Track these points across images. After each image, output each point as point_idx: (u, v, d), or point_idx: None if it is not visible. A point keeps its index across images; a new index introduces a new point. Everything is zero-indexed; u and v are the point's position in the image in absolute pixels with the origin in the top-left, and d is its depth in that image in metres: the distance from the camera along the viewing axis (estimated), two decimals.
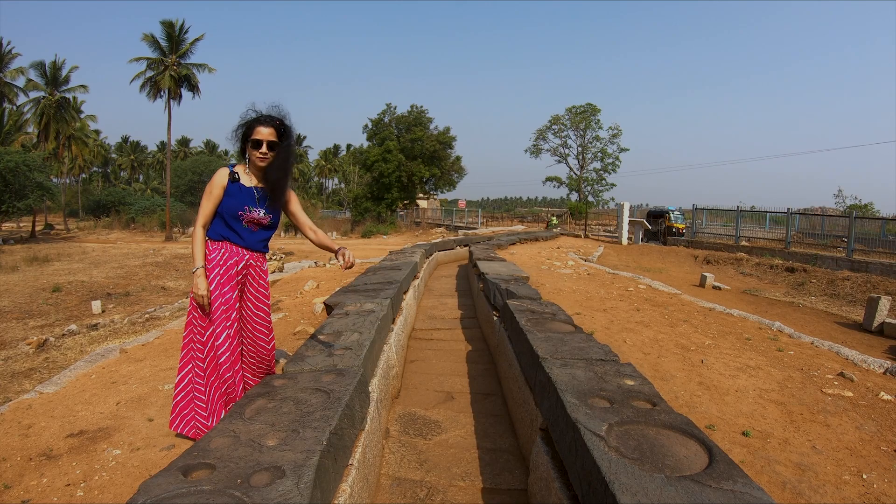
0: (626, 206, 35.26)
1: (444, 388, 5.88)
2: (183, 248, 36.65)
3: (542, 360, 3.84)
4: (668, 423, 2.84)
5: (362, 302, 6.06)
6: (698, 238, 33.07)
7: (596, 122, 64.18)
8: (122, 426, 4.55)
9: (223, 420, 2.87)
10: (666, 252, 30.63)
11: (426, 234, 46.49)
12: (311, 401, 3.09)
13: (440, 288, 12.60)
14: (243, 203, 3.95)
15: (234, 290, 3.99)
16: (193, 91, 51.93)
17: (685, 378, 5.88)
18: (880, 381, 6.32)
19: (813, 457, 4.29)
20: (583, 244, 30.61)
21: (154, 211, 61.80)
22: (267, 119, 3.97)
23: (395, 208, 62.91)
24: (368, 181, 64.94)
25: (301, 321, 8.27)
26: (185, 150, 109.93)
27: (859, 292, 19.11)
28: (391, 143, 58.79)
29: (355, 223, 61.72)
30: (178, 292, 19.68)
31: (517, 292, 6.90)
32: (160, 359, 6.76)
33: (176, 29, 49.86)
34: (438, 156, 61.15)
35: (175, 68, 49.67)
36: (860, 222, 26.75)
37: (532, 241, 27.31)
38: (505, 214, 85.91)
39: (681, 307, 10.12)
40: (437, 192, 67.81)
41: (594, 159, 65.10)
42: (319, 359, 3.92)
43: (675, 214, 36.80)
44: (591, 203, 61.97)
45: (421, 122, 61.83)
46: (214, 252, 3.94)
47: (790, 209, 28.75)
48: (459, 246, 20.10)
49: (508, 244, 22.03)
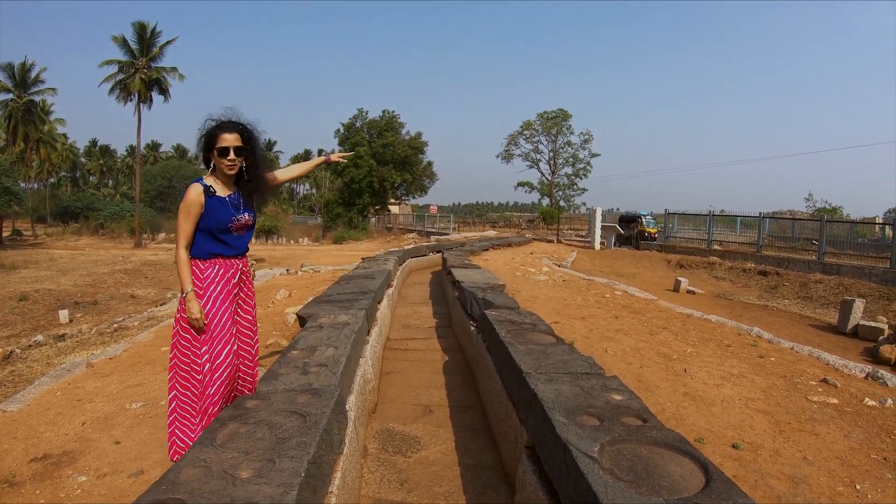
0: (598, 210, 35.42)
1: (421, 401, 5.74)
2: (152, 254, 36.19)
3: (527, 376, 3.71)
4: (661, 441, 2.74)
5: (336, 313, 5.89)
6: (671, 242, 33.19)
7: (567, 127, 64.71)
8: (87, 449, 4.36)
9: (194, 447, 2.69)
10: (639, 257, 30.70)
11: (398, 239, 46.36)
12: (287, 425, 2.92)
13: (414, 296, 12.46)
14: (230, 214, 3.83)
15: (233, 302, 3.91)
16: (164, 95, 51.52)
17: (670, 389, 5.80)
18: (863, 386, 6.33)
19: (805, 468, 4.23)
20: (556, 249, 30.62)
21: (123, 217, 61.32)
22: (229, 125, 3.85)
23: (367, 214, 62.92)
24: (340, 186, 64.94)
25: (273, 332, 8.10)
26: (155, 154, 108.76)
27: (832, 295, 19.26)
28: (362, 148, 58.72)
29: (327, 229, 61.57)
30: (148, 300, 19.44)
31: (495, 301, 6.77)
32: (127, 374, 6.56)
33: (147, 31, 49.49)
34: (410, 161, 61.31)
35: (146, 71, 49.23)
36: (830, 225, 26.99)
37: (505, 246, 27.23)
38: (477, 220, 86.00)
39: (658, 313, 10.07)
40: (409, 197, 68.05)
41: (565, 164, 65.62)
42: (294, 377, 3.75)
43: (647, 219, 37.09)
44: (562, 208, 62.26)
45: (392, 126, 61.96)
46: (209, 270, 3.81)
47: (761, 213, 28.91)
48: (432, 252, 19.98)
49: (482, 250, 21.90)
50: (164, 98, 51.93)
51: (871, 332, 13.61)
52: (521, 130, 66.14)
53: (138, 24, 49.27)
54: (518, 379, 3.86)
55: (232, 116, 3.93)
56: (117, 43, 48.50)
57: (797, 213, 51.80)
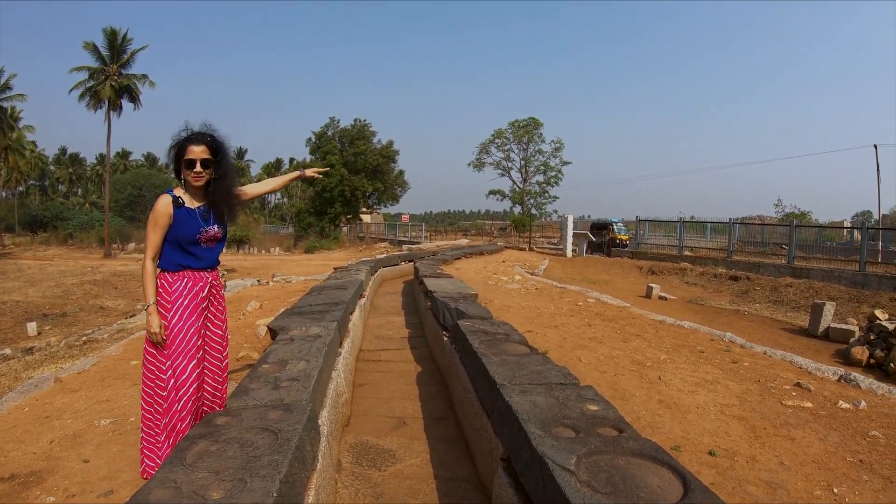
0: (570, 218, 35.52)
1: (395, 413, 5.68)
2: (122, 265, 35.74)
3: (501, 387, 3.66)
4: (637, 451, 2.71)
5: (308, 325, 5.82)
6: (642, 249, 33.43)
7: (538, 135, 64.88)
8: (56, 468, 4.26)
9: (163, 467, 2.62)
10: (611, 264, 30.87)
11: (370, 248, 46.34)
12: (258, 442, 2.85)
13: (386, 305, 12.41)
14: (198, 226, 3.81)
15: (201, 317, 3.87)
16: (134, 102, 50.96)
17: (645, 396, 5.80)
18: (836, 388, 6.37)
19: (782, 473, 4.23)
20: (528, 257, 30.70)
21: (93, 226, 60.72)
22: (198, 137, 3.84)
23: (339, 223, 62.80)
24: (311, 196, 64.82)
25: (244, 345, 8.01)
26: (125, 163, 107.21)
27: (802, 298, 19.48)
28: (333, 157, 58.67)
29: (298, 238, 61.41)
30: (118, 312, 19.24)
31: (467, 311, 6.74)
32: (96, 389, 6.46)
33: (118, 38, 48.92)
34: (381, 170, 61.38)
35: (116, 78, 48.63)
36: (799, 230, 27.26)
37: (477, 255, 27.26)
38: (449, 228, 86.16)
39: (632, 321, 10.09)
40: (381, 206, 68.04)
41: (537, 172, 65.71)
42: (265, 392, 3.68)
43: (618, 226, 37.33)
44: (534, 216, 62.36)
45: (364, 135, 62.04)
46: (177, 283, 3.78)
47: (731, 219, 29.22)
48: (404, 261, 19.95)
49: (454, 259, 21.90)
50: (134, 105, 51.50)
51: (843, 334, 13.78)
52: (493, 139, 66.23)
53: (109, 31, 48.75)
54: (492, 390, 3.82)
55: (204, 129, 3.92)
56: (88, 49, 47.98)
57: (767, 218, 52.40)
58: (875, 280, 20.43)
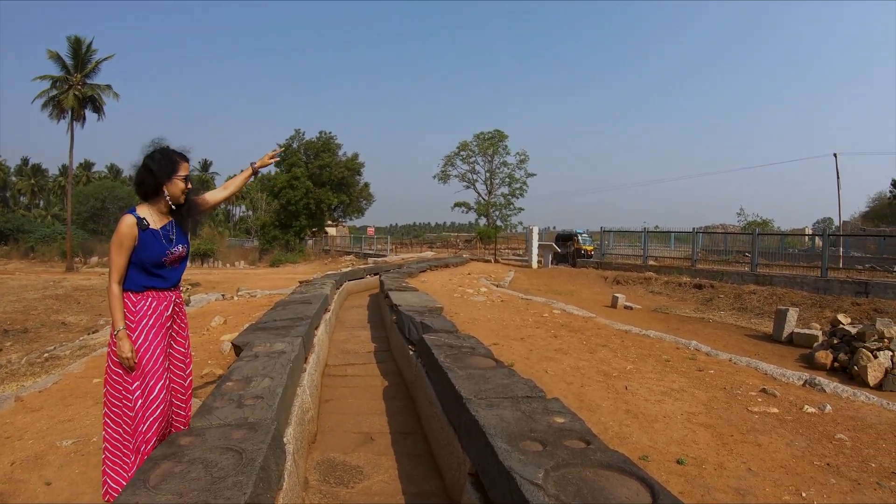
0: (535, 229, 35.68)
1: (362, 428, 5.63)
2: (84, 279, 35.12)
3: (467, 402, 3.64)
4: (605, 463, 2.71)
5: (272, 341, 5.76)
6: (607, 259, 33.68)
7: (503, 148, 65.13)
8: (17, 491, 4.19)
9: (126, 489, 2.57)
10: (576, 274, 31.02)
11: (335, 262, 46.13)
12: (222, 463, 2.80)
13: (352, 319, 12.34)
14: (164, 248, 3.76)
15: (166, 336, 3.81)
16: (98, 113, 50.00)
17: (612, 407, 5.80)
18: (802, 393, 6.45)
19: (750, 479, 4.26)
20: (493, 269, 30.76)
21: (55, 239, 59.65)
22: (184, 154, 3.91)
23: (304, 236, 62.59)
24: (276, 208, 64.54)
25: (209, 362, 7.92)
26: (87, 174, 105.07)
27: (766, 305, 19.71)
28: (299, 169, 58.57)
29: (263, 252, 61.10)
30: (80, 328, 18.96)
31: (433, 325, 6.72)
32: (58, 408, 6.35)
33: (83, 47, 48.04)
34: (347, 182, 61.33)
35: (80, 88, 47.74)
36: (762, 238, 27.65)
37: (443, 267, 27.25)
38: (414, 240, 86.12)
39: (597, 331, 10.13)
40: (346, 219, 67.92)
41: (502, 184, 65.97)
42: (229, 410, 3.62)
43: (583, 237, 37.62)
44: (499, 227, 62.54)
45: (329, 148, 62.00)
46: (141, 303, 3.70)
47: (695, 228, 29.47)
48: (370, 275, 19.91)
49: (419, 272, 21.88)
50: (98, 116, 50.48)
51: (806, 339, 13.99)
52: (458, 151, 66.38)
53: (73, 39, 47.81)
54: (458, 405, 3.80)
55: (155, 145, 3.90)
56: (52, 58, 47.17)
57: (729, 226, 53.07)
58: (837, 285, 20.77)
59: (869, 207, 63.96)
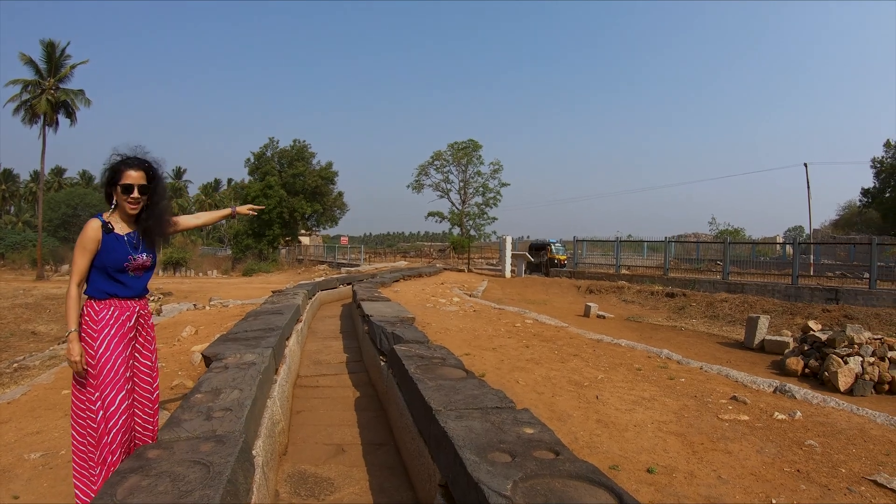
0: (509, 239, 35.76)
1: (333, 440, 5.61)
2: (55, 287, 34.54)
3: (436, 413, 3.64)
4: (574, 473, 2.72)
5: (243, 352, 5.72)
6: (580, 268, 33.75)
7: (477, 157, 65.15)
8: None
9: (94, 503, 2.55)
10: (549, 283, 31.08)
11: (309, 271, 45.97)
12: (190, 476, 2.78)
13: (324, 330, 12.31)
14: (126, 253, 3.70)
15: (128, 346, 3.73)
16: (71, 118, 48.97)
17: (582, 417, 5.82)
18: (772, 400, 6.50)
19: (720, 487, 4.28)
20: (467, 279, 30.80)
21: (25, 247, 58.85)
22: (135, 162, 3.74)
23: (277, 245, 62.27)
24: (249, 217, 64.13)
25: (179, 373, 7.86)
26: (59, 180, 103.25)
27: (737, 312, 19.85)
28: (272, 178, 58.33)
29: (236, 261, 60.65)
30: (50, 338, 18.71)
31: (404, 336, 6.71)
32: (26, 420, 6.27)
33: (57, 51, 47.12)
34: (320, 191, 61.13)
35: (52, 93, 46.87)
36: (733, 246, 27.87)
37: (416, 277, 27.28)
38: (388, 250, 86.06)
39: (569, 341, 10.15)
40: (320, 228, 67.64)
41: (476, 194, 65.97)
42: (197, 423, 3.59)
43: (556, 246, 37.76)
44: (473, 237, 62.65)
45: (303, 156, 61.85)
46: (103, 311, 3.64)
47: (667, 237, 29.70)
48: (343, 284, 19.91)
49: (392, 281, 21.91)
50: (70, 121, 49.42)
51: (777, 345, 14.11)
52: (432, 161, 66.35)
53: (47, 43, 47.01)
54: (428, 416, 3.80)
55: (138, 153, 3.83)
56: (24, 61, 46.41)
57: (701, 235, 53.66)
58: (808, 292, 21.00)
59: (839, 215, 64.89)
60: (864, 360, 11.04)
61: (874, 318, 17.19)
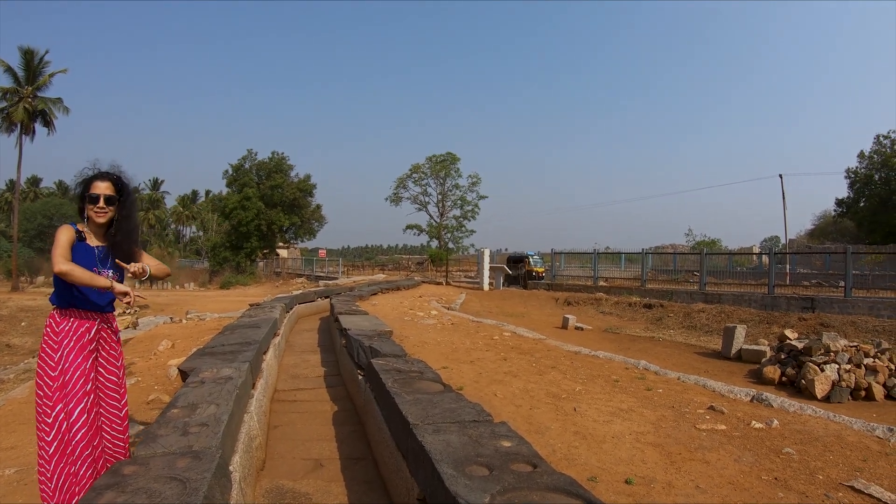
0: (487, 252, 35.89)
1: (311, 455, 5.57)
2: (30, 299, 34.07)
3: (414, 427, 3.63)
4: (552, 486, 2.71)
5: (219, 367, 5.68)
6: (558, 281, 33.91)
7: (455, 170, 65.45)
8: None
9: None
10: (527, 296, 31.19)
11: (287, 284, 45.84)
12: (166, 493, 2.75)
13: (302, 343, 12.25)
14: (91, 264, 3.71)
15: (88, 359, 3.73)
16: (48, 127, 48.39)
17: (560, 429, 5.82)
18: (749, 409, 6.54)
19: (698, 497, 4.30)
20: (445, 291, 30.84)
21: (0, 257, 58.33)
22: (103, 174, 3.85)
23: (255, 258, 62.05)
24: (227, 229, 63.91)
25: (155, 387, 7.81)
26: (35, 190, 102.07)
27: (714, 322, 20.02)
28: (250, 190, 58.17)
29: (214, 273, 60.40)
30: (25, 350, 18.57)
31: (381, 349, 6.69)
32: (0, 435, 6.20)
33: (35, 59, 46.47)
34: (299, 204, 61.06)
35: (30, 101, 46.17)
36: (710, 257, 28.10)
37: (394, 290, 27.28)
38: (366, 263, 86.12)
39: (547, 353, 10.18)
40: (298, 240, 67.55)
41: (454, 207, 66.23)
42: (173, 438, 3.57)
43: (534, 259, 37.93)
44: (451, 250, 62.83)
45: (281, 168, 61.75)
46: (63, 324, 3.67)
47: (644, 249, 29.87)
48: (320, 297, 19.88)
49: (370, 294, 21.90)
50: (48, 130, 48.76)
51: (754, 355, 14.23)
52: (410, 173, 66.54)
53: (26, 50, 46.29)
54: (405, 430, 3.79)
55: (112, 168, 3.93)
56: (3, 68, 45.47)
57: (678, 247, 54.12)
58: (784, 301, 21.25)
59: (814, 225, 65.66)
60: (841, 367, 11.16)
61: (850, 325, 17.41)
